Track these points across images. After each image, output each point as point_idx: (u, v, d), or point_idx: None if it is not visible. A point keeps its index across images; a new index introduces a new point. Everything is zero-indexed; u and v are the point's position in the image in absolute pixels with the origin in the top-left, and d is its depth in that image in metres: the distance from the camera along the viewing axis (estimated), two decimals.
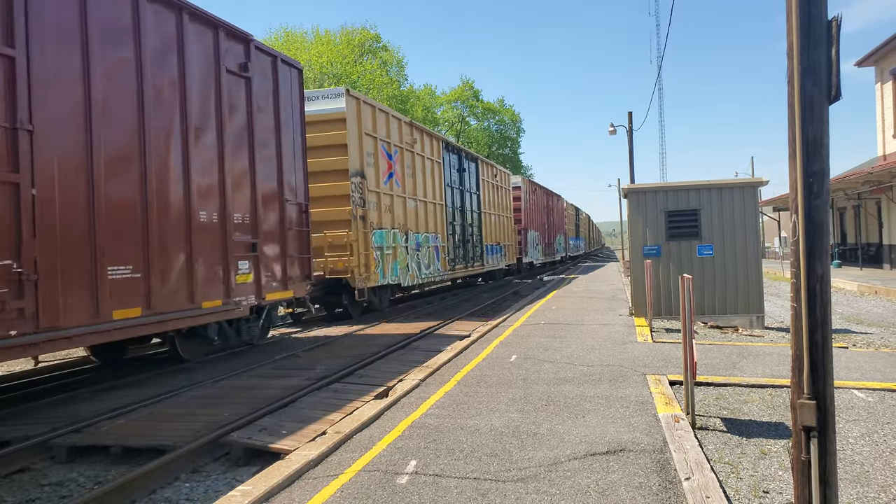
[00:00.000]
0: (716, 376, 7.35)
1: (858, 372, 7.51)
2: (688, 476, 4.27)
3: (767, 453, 4.90)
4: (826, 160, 2.90)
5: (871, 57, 26.70)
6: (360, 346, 10.62)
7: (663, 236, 12.30)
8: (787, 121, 3.00)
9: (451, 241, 20.41)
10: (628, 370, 7.72)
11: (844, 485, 4.20)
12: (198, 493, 4.88)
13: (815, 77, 2.87)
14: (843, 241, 32.06)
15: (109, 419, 6.37)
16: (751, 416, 5.89)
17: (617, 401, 6.31)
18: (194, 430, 5.85)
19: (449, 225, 20.09)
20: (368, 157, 14.58)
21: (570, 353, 9.01)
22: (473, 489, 4.21)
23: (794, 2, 2.88)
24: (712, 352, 9.00)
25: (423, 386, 7.26)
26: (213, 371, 8.98)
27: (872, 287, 18.72)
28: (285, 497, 4.22)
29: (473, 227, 22.91)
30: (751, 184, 12.30)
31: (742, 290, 11.91)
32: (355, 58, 42.28)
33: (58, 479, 5.24)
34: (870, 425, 5.49)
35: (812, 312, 2.89)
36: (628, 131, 29.02)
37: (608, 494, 4.07)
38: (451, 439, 5.25)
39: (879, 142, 27.16)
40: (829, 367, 2.91)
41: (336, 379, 8.01)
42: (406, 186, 16.77)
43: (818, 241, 2.90)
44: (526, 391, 6.81)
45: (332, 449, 5.10)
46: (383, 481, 4.41)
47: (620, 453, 4.81)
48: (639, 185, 13.00)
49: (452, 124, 56.11)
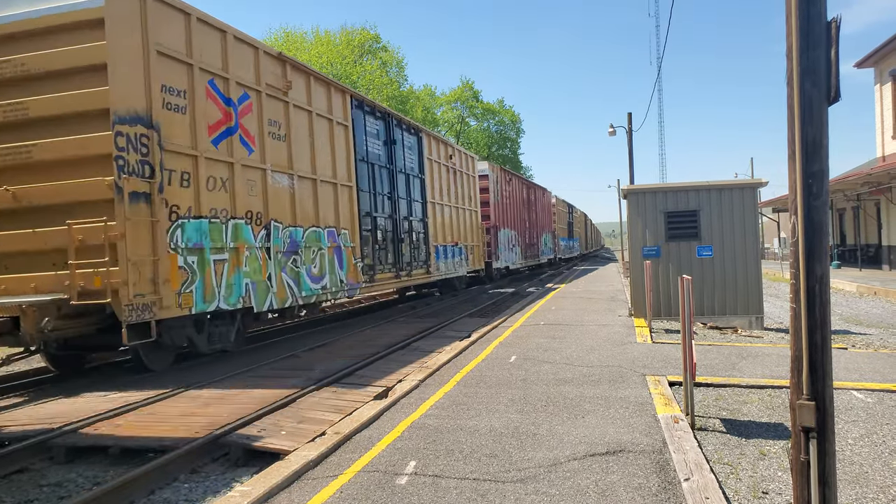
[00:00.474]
0: (715, 377, 7.36)
1: (857, 373, 7.51)
2: (687, 477, 4.27)
3: (767, 454, 4.90)
4: (825, 161, 2.90)
5: (870, 58, 26.71)
6: (359, 347, 10.62)
7: (663, 237, 12.31)
8: (787, 122, 3.00)
9: (371, 241, 14.17)
10: (628, 371, 7.72)
11: (843, 486, 4.20)
12: (197, 493, 4.88)
13: (814, 78, 2.88)
14: (842, 243, 32.08)
15: (108, 419, 6.36)
16: (750, 417, 5.89)
17: (616, 401, 6.31)
18: (194, 431, 5.84)
19: (364, 217, 13.85)
20: (170, 95, 8.66)
21: (569, 353, 9.01)
22: (473, 490, 4.21)
23: (794, 3, 2.89)
24: (711, 352, 9.00)
25: (423, 386, 7.26)
26: (212, 371, 8.97)
27: (871, 288, 18.72)
28: (285, 497, 4.21)
29: (414, 223, 16.77)
30: (750, 185, 12.31)
31: (741, 290, 11.92)
32: (355, 58, 42.29)
33: (56, 480, 5.23)
34: (869, 426, 5.50)
35: (811, 313, 2.89)
36: (628, 132, 29.03)
37: (607, 495, 4.07)
38: (450, 440, 5.25)
39: (878, 143, 27.17)
40: (828, 367, 2.91)
41: (336, 379, 8.01)
42: (268, 153, 10.59)
43: (817, 242, 2.90)
44: (525, 392, 6.81)
45: (332, 449, 5.10)
46: (383, 482, 4.40)
47: (620, 454, 4.81)
48: (638, 186, 13.00)
49: (452, 125, 56.14)
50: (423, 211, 17.69)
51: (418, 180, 17.51)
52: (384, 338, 11.63)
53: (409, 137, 17.23)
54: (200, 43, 9.27)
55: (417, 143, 17.71)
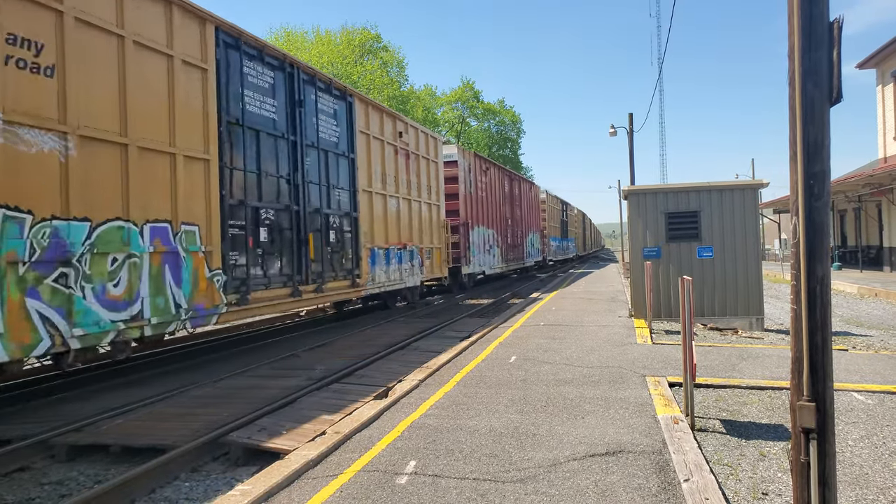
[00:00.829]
0: (715, 378, 7.36)
1: (858, 374, 7.51)
2: (687, 477, 4.27)
3: (766, 455, 4.90)
4: (827, 162, 2.90)
5: (872, 59, 26.71)
6: (359, 347, 10.63)
7: (663, 238, 12.31)
8: (788, 123, 3.00)
9: (246, 243, 9.59)
10: (628, 372, 7.72)
11: (843, 487, 4.20)
12: (197, 492, 4.88)
13: (816, 79, 2.88)
14: (843, 244, 32.07)
15: (109, 418, 6.37)
16: (750, 418, 5.89)
17: (616, 402, 6.31)
18: (194, 430, 5.85)
19: (235, 208, 9.37)
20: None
21: (569, 354, 9.01)
22: (473, 489, 4.22)
23: (796, 4, 2.89)
24: (712, 354, 9.00)
25: (423, 386, 7.26)
26: (212, 371, 8.98)
27: (873, 289, 18.72)
28: (285, 497, 4.22)
29: (334, 218, 12.13)
30: (751, 186, 12.31)
31: (742, 291, 11.91)
32: (356, 58, 42.31)
33: (58, 478, 5.24)
34: (869, 428, 5.49)
35: (812, 315, 2.89)
36: (629, 133, 29.03)
37: (607, 495, 4.07)
38: (450, 440, 5.26)
39: (880, 144, 27.17)
40: (828, 369, 2.91)
41: (336, 379, 8.02)
42: (7, 93, 6.09)
43: (818, 243, 2.90)
44: (525, 392, 6.81)
45: (332, 449, 5.10)
46: (383, 481, 4.41)
47: (620, 454, 4.81)
48: (639, 187, 13.00)
49: (453, 125, 56.17)
50: (352, 202, 12.88)
51: (345, 161, 12.72)
52: (384, 337, 11.63)
53: (330, 101, 12.24)
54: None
55: (346, 110, 12.86)
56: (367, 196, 13.61)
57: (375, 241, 13.90)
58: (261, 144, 10.12)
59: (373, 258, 13.77)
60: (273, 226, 10.28)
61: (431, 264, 17.55)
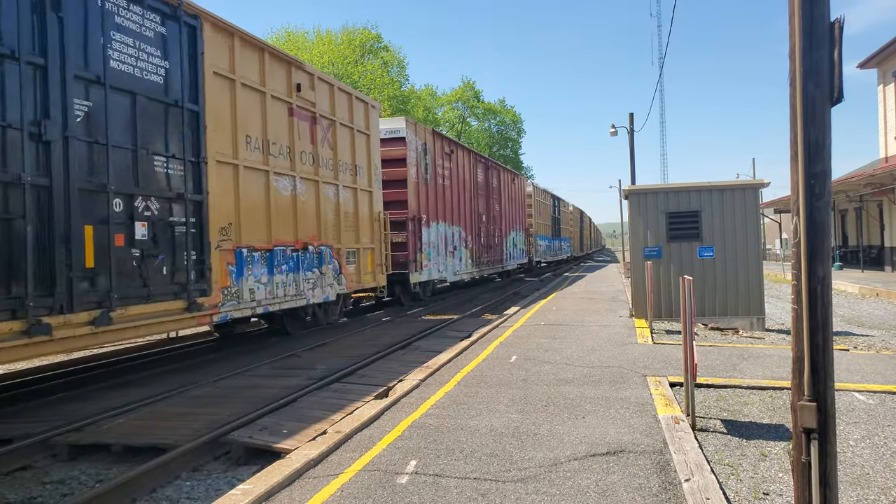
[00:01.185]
0: (716, 378, 7.36)
1: (859, 374, 7.51)
2: (688, 477, 4.27)
3: (767, 455, 4.90)
4: (828, 162, 2.90)
5: (873, 59, 26.70)
6: (360, 346, 10.63)
7: (664, 238, 12.30)
8: (789, 123, 3.00)
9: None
10: (628, 371, 7.72)
11: (844, 487, 4.20)
12: (198, 491, 4.89)
13: (817, 79, 2.88)
14: (844, 244, 32.05)
15: (110, 418, 6.37)
16: (751, 418, 5.89)
17: (617, 402, 6.31)
18: (195, 429, 5.85)
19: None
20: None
21: (570, 354, 9.01)
22: (473, 489, 4.22)
23: (797, 4, 2.89)
24: (713, 353, 8.99)
25: (424, 386, 7.26)
26: (212, 371, 8.99)
27: (874, 289, 18.71)
28: (285, 496, 4.22)
29: (154, 204, 7.72)
30: (752, 185, 12.30)
31: (743, 291, 11.91)
32: (356, 58, 42.30)
33: (59, 477, 5.25)
34: (870, 428, 5.49)
35: (813, 314, 2.89)
36: (629, 132, 29.03)
37: (608, 495, 4.07)
38: (451, 439, 5.26)
39: (881, 144, 27.16)
40: (829, 369, 2.91)
41: (336, 379, 8.02)
42: None
43: (819, 243, 2.90)
44: (526, 392, 6.81)
45: (333, 448, 5.11)
46: (383, 481, 4.41)
47: (620, 454, 4.81)
48: (640, 187, 13.00)
49: (453, 125, 56.18)
50: (194, 179, 8.47)
51: (178, 113, 8.23)
52: (385, 337, 11.63)
53: (144, 17, 7.74)
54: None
55: (184, 38, 8.38)
56: (230, 171, 9.28)
57: (246, 238, 9.56)
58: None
59: (240, 265, 9.39)
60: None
61: (358, 270, 13.23)
